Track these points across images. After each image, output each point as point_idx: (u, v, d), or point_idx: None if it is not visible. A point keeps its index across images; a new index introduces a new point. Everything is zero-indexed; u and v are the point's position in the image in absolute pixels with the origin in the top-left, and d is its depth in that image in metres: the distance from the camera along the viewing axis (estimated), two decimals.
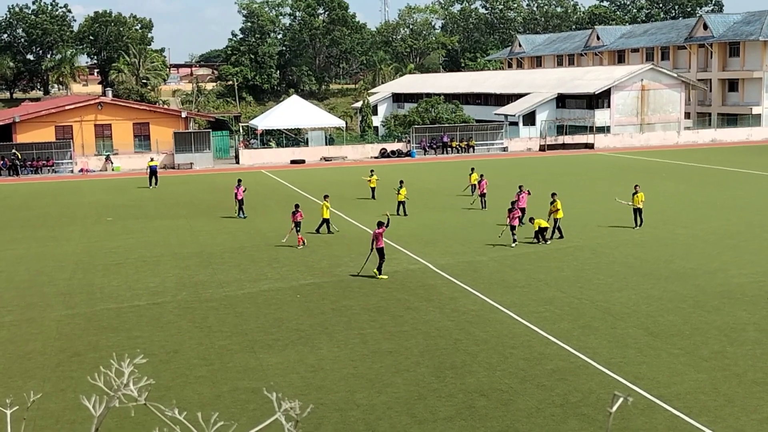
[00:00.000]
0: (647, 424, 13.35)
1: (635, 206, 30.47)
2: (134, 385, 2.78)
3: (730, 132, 72.70)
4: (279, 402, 2.83)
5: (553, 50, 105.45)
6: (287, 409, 2.83)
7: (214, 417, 2.82)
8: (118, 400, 2.76)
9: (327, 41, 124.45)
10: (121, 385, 2.72)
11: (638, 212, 30.47)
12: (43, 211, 39.15)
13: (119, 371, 2.77)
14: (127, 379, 2.74)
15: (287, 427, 2.80)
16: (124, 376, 2.76)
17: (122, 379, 2.74)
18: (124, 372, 2.77)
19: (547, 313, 19.86)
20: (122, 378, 2.75)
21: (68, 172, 57.52)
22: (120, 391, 2.72)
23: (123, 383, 2.73)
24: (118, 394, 2.72)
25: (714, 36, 79.67)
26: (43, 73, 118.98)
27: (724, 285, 22.16)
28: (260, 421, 3.15)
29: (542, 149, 66.16)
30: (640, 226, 30.25)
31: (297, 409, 2.82)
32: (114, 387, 2.74)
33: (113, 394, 2.73)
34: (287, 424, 2.83)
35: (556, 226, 28.74)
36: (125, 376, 2.75)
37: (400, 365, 16.39)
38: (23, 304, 21.83)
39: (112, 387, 2.76)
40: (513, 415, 13.86)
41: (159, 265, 26.32)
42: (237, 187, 35.35)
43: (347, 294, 22.10)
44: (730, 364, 16.12)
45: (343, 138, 68.66)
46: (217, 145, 63.25)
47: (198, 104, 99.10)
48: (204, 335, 18.72)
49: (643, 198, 30.51)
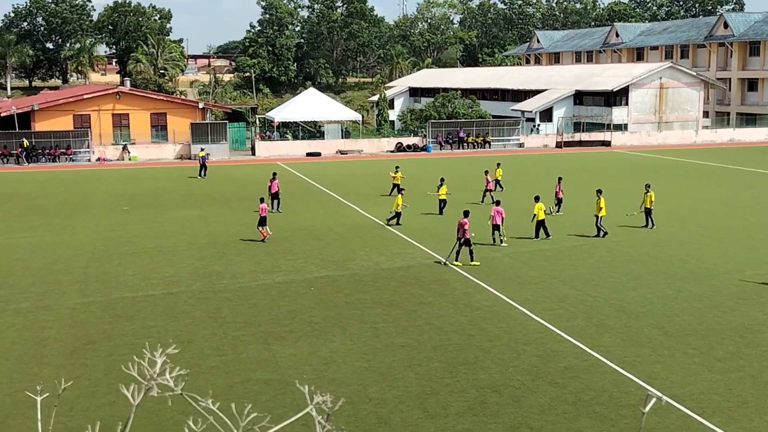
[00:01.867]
0: (660, 423, 13.30)
1: (646, 207, 30.14)
2: (168, 375, 2.82)
3: (749, 132, 72.15)
4: (311, 395, 2.85)
5: (571, 47, 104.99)
6: (319, 403, 2.85)
7: (247, 408, 2.84)
8: (156, 390, 2.80)
9: (345, 34, 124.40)
10: (155, 375, 2.75)
11: (648, 213, 30.17)
12: (59, 200, 39.40)
13: (152, 361, 2.80)
14: (161, 368, 2.78)
15: (318, 419, 2.82)
16: (157, 366, 2.79)
17: (155, 369, 2.78)
18: (157, 361, 2.80)
19: (560, 310, 19.80)
20: (155, 368, 2.79)
21: (85, 160, 57.82)
22: (155, 380, 2.75)
23: (157, 372, 2.77)
24: (152, 383, 2.75)
25: (734, 35, 79.06)
26: (62, 62, 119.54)
27: (740, 285, 22.02)
28: (274, 413, 3.17)
29: (559, 146, 65.91)
30: (652, 227, 29.97)
31: (329, 402, 2.85)
32: (148, 376, 2.77)
33: (148, 383, 2.77)
34: (318, 416, 2.85)
35: (597, 224, 28.60)
36: (158, 366, 2.79)
37: (413, 360, 16.40)
38: (39, 292, 21.99)
39: (145, 376, 2.79)
40: (525, 412, 13.84)
41: (174, 255, 26.44)
42: (271, 180, 34.60)
43: (361, 287, 22.13)
44: (745, 365, 16.03)
45: (359, 131, 68.67)
46: (233, 136, 63.40)
47: (215, 95, 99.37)
48: (218, 326, 18.80)
49: (653, 198, 30.09)
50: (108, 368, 16.00)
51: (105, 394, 14.66)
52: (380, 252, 26.56)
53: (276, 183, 34.52)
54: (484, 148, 64.35)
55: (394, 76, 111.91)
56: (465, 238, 24.50)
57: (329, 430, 2.88)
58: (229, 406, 3.27)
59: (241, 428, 2.87)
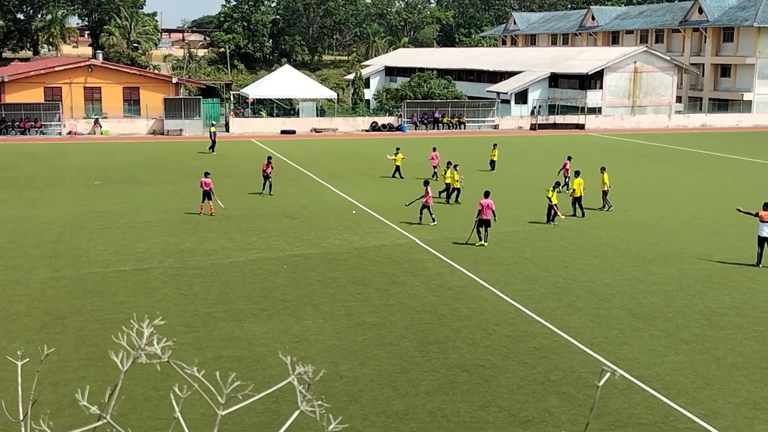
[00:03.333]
0: (626, 403, 13.52)
1: (603, 189, 30.54)
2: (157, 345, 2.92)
3: (721, 117, 72.85)
4: (293, 366, 2.93)
5: (547, 29, 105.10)
6: (300, 373, 2.93)
7: (232, 377, 2.91)
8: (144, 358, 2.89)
9: (321, 11, 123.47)
10: (143, 344, 2.83)
11: (605, 195, 30.62)
12: (30, 173, 38.93)
13: (140, 332, 2.88)
14: (148, 339, 2.87)
15: (299, 389, 2.90)
16: (144, 336, 2.87)
17: (143, 340, 2.86)
18: (144, 332, 2.89)
19: (531, 291, 19.98)
20: (143, 338, 2.87)
21: (56, 134, 57.10)
22: (143, 349, 2.84)
23: (144, 342, 2.86)
24: (140, 352, 2.83)
25: (709, 20, 79.57)
26: (32, 33, 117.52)
27: (708, 269, 22.35)
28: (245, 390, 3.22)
29: (533, 128, 66.15)
30: (609, 209, 30.32)
31: (310, 373, 2.94)
32: (136, 346, 2.86)
33: (137, 351, 2.86)
34: (299, 386, 2.94)
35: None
36: (145, 336, 2.87)
37: (384, 339, 16.49)
38: (8, 266, 21.78)
39: (134, 346, 2.89)
40: (494, 391, 13.99)
41: (146, 230, 26.27)
42: (266, 165, 33.30)
43: (334, 266, 22.15)
44: (710, 347, 16.31)
45: (334, 110, 68.43)
46: (207, 112, 62.90)
47: (189, 70, 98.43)
48: (189, 302, 18.75)
49: (606, 180, 30.47)
50: (78, 343, 15.92)
51: (74, 369, 14.60)
52: (354, 231, 26.58)
53: (270, 167, 33.27)
54: (459, 129, 64.43)
55: (370, 55, 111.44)
56: (485, 219, 24.53)
57: (309, 400, 2.94)
58: (211, 376, 3.33)
59: (225, 396, 2.93)
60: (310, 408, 2.94)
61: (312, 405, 2.94)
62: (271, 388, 3.28)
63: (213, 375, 3.32)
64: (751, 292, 20.28)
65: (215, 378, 3.17)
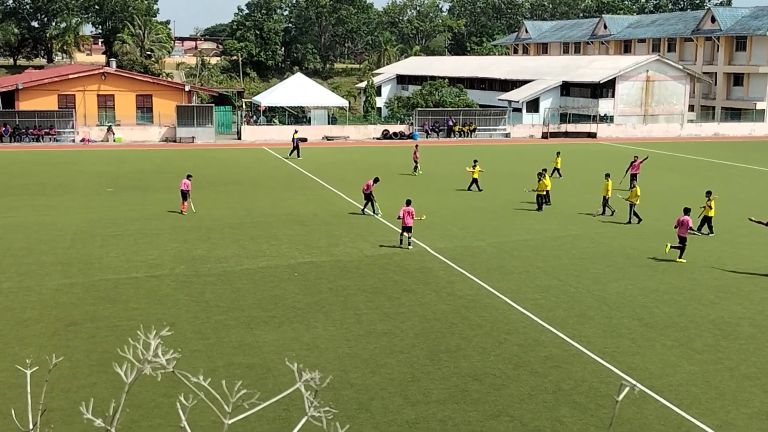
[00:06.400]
0: (638, 414, 13.44)
1: (604, 195, 31.09)
2: (162, 356, 2.91)
3: (733, 126, 72.56)
4: (300, 372, 2.94)
5: (559, 37, 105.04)
6: (307, 380, 2.94)
7: (238, 385, 2.92)
8: (149, 368, 2.89)
9: (333, 20, 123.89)
10: (149, 356, 2.83)
11: (605, 201, 31.05)
12: (43, 180, 39.15)
13: (146, 343, 2.88)
14: (155, 349, 2.86)
15: (306, 395, 2.91)
16: (150, 348, 2.87)
17: (149, 351, 2.86)
18: (151, 343, 2.89)
19: (543, 300, 19.92)
20: (149, 350, 2.87)
21: (70, 141, 57.42)
22: (149, 361, 2.84)
23: (151, 354, 2.86)
24: (146, 365, 2.83)
25: (721, 29, 79.36)
26: (47, 41, 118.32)
27: (720, 279, 22.23)
28: (255, 398, 3.22)
29: (545, 137, 66.05)
30: (611, 214, 30.78)
31: (317, 380, 2.95)
32: (143, 357, 2.85)
33: (142, 363, 2.85)
34: (306, 393, 2.95)
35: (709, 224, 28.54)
36: (152, 347, 2.87)
37: (395, 347, 16.47)
38: (21, 272, 21.88)
39: (139, 358, 2.88)
40: (505, 401, 13.94)
41: (158, 238, 26.36)
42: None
43: (344, 274, 22.15)
44: (723, 357, 16.21)
45: (345, 118, 68.54)
46: (219, 120, 63.13)
47: (201, 78, 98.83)
48: (201, 309, 18.78)
49: (609, 187, 31.04)
50: (90, 350, 15.97)
51: (86, 376, 14.64)
52: (365, 239, 26.59)
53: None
54: (470, 138, 64.41)
55: (381, 63, 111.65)
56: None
57: (317, 407, 2.95)
58: (219, 384, 3.35)
59: (231, 404, 2.94)
60: (317, 414, 2.95)
61: (319, 411, 2.95)
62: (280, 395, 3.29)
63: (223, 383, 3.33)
64: (764, 302, 20.15)
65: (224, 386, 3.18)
